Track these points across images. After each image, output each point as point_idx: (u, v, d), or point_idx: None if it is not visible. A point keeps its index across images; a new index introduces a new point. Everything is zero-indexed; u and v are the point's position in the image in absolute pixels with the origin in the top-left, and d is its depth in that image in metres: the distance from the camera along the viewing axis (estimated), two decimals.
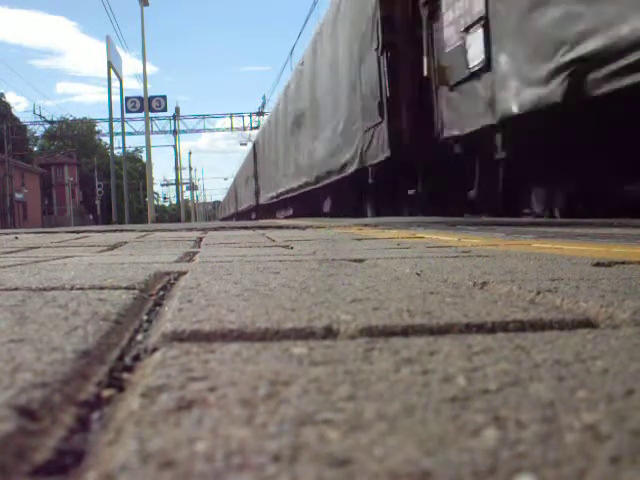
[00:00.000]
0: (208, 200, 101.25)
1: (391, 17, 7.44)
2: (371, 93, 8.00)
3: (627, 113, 4.03)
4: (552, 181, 5.39)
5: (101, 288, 1.23)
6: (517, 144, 5.40)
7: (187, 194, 63.48)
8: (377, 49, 7.67)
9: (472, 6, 5.59)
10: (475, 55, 5.51)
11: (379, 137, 7.89)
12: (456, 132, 6.23)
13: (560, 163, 5.05)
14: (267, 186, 20.94)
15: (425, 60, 6.84)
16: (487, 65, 5.36)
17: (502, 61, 5.08)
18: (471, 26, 5.62)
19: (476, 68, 5.54)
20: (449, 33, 6.23)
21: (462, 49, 5.82)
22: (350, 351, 0.69)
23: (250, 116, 38.53)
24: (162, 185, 72.45)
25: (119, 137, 22.23)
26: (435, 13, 6.63)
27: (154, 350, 0.71)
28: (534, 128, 5.02)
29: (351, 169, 9.47)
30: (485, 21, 5.36)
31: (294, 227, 5.40)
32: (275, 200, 19.06)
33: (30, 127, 50.75)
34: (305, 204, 14.82)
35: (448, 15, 6.25)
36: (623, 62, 3.57)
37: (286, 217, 16.57)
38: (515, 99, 4.91)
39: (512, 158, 5.51)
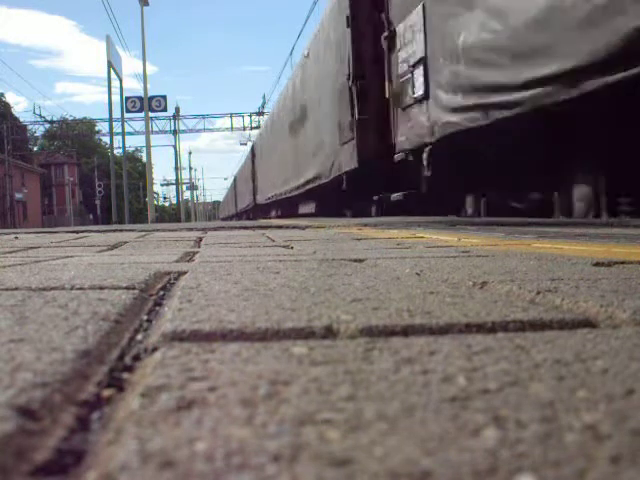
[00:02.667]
0: (208, 200, 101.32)
1: (360, 51, 9.02)
2: (346, 113, 9.52)
3: (522, 137, 5.44)
4: (475, 188, 7.11)
5: (101, 288, 1.23)
6: (442, 160, 6.96)
7: (187, 194, 63.53)
8: (348, 79, 9.21)
9: (416, 49, 7.26)
10: (418, 86, 7.22)
11: (351, 151, 9.40)
12: (407, 146, 7.84)
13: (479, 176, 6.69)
14: (263, 188, 22.51)
15: (386, 85, 8.49)
16: (426, 95, 6.97)
17: (434, 93, 6.75)
18: (416, 63, 7.27)
19: (419, 96, 7.20)
20: (402, 67, 7.86)
21: (411, 80, 7.46)
22: (350, 351, 0.69)
23: (250, 116, 38.53)
24: (162, 185, 72.50)
25: (119, 137, 22.23)
26: (393, 49, 8.21)
27: (154, 350, 0.71)
28: (457, 148, 6.56)
29: (330, 177, 11.09)
30: (425, 61, 6.98)
31: (294, 227, 5.40)
32: (270, 201, 20.60)
33: (30, 127, 50.79)
34: (294, 206, 16.60)
35: (401, 53, 7.89)
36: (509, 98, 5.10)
37: (277, 217, 18.33)
38: (443, 123, 6.49)
39: (436, 173, 7.13)
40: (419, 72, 7.12)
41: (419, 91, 7.16)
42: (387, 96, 8.42)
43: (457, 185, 7.33)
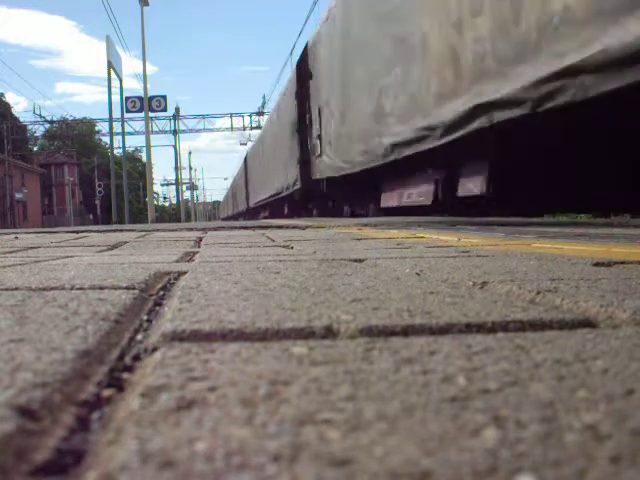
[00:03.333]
0: (208, 200, 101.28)
1: (302, 115, 13.96)
2: (295, 151, 14.87)
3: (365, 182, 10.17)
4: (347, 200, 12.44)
5: (101, 288, 1.23)
6: (333, 185, 11.98)
7: (187, 194, 63.51)
8: (296, 131, 14.45)
9: (316, 129, 12.38)
10: (317, 148, 12.41)
11: (297, 175, 14.77)
12: (317, 176, 12.68)
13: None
14: (254, 193, 27.71)
15: (309, 143, 13.62)
16: (320, 154, 12.03)
17: (325, 153, 11.64)
18: (317, 137, 12.33)
19: (318, 153, 12.32)
20: (313, 135, 12.88)
21: (316, 143, 12.50)
22: (350, 351, 0.69)
23: (250, 116, 38.49)
24: (162, 185, 72.46)
25: (119, 137, 22.22)
26: (310, 124, 13.20)
27: (154, 350, 0.71)
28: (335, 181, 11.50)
29: (292, 189, 15.76)
30: (319, 136, 12.05)
31: (294, 227, 5.40)
32: (259, 204, 25.57)
33: (30, 127, 50.74)
34: (275, 209, 21.22)
35: (313, 128, 12.93)
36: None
37: (264, 217, 22.76)
38: (327, 170, 11.54)
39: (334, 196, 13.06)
40: (318, 142, 12.32)
41: (317, 152, 12.34)
42: (310, 147, 13.61)
43: (340, 198, 12.76)
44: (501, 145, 5.48)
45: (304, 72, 13.26)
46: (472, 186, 6.14)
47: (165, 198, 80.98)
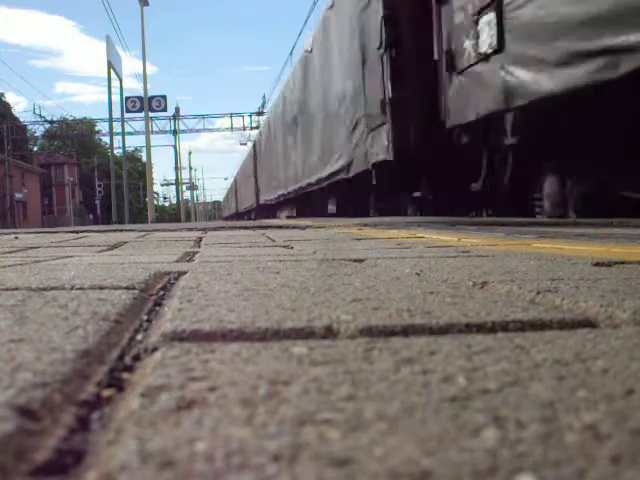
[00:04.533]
0: (208, 200, 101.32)
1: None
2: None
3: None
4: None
5: (101, 288, 1.23)
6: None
7: (187, 194, 63.51)
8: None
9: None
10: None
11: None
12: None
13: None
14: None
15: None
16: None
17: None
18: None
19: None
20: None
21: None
22: (350, 351, 0.69)
23: (250, 116, 38.49)
24: (162, 185, 72.47)
25: (119, 137, 22.22)
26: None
27: (154, 350, 0.71)
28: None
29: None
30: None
31: (294, 227, 5.40)
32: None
33: (30, 127, 50.73)
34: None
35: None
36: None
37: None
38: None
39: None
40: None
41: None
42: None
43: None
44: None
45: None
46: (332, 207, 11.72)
47: (165, 198, 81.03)
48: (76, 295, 1.12)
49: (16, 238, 4.62)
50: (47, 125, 50.13)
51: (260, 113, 37.21)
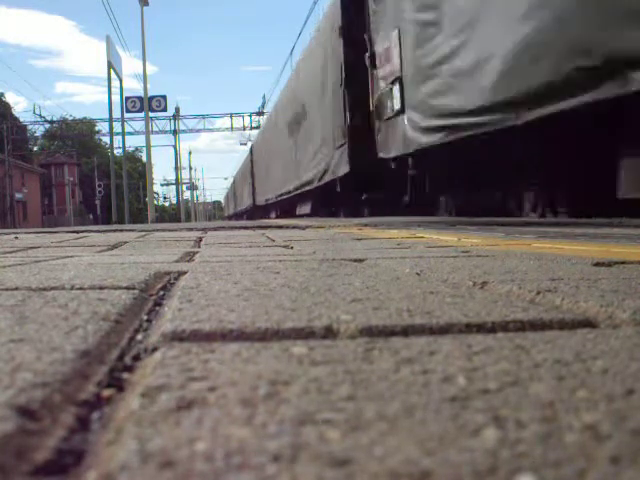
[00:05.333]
0: (208, 200, 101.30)
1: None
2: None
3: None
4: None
5: (101, 288, 1.23)
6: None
7: (187, 194, 63.50)
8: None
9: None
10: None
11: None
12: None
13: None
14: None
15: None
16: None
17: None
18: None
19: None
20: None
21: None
22: (350, 351, 0.69)
23: (250, 116, 38.49)
24: (162, 185, 72.47)
25: (119, 137, 22.24)
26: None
27: (154, 350, 0.71)
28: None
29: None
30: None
31: (294, 227, 5.40)
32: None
33: (30, 127, 50.73)
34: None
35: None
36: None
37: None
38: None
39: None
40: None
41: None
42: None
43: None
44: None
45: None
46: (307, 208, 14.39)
47: (165, 198, 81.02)
48: (76, 295, 1.12)
49: (16, 238, 4.62)
50: (47, 125, 50.16)
51: (260, 113, 37.21)
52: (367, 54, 9.30)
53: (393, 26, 8.10)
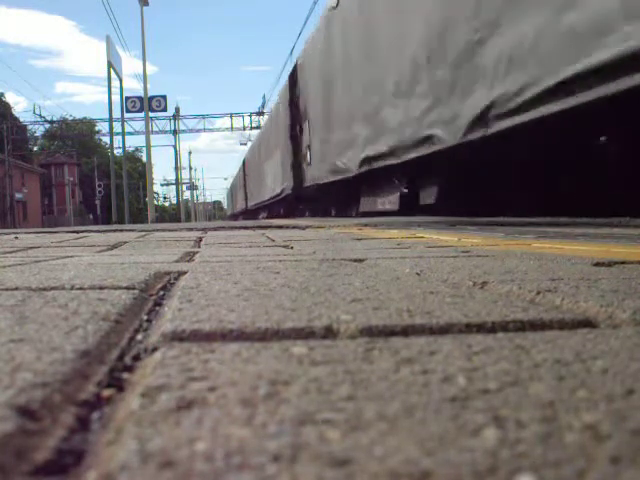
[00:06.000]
0: (208, 200, 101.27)
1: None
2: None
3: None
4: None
5: (101, 288, 1.23)
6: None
7: (187, 194, 63.48)
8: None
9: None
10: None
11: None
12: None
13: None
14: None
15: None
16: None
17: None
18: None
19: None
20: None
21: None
22: (350, 351, 0.69)
23: (250, 116, 38.48)
24: (162, 185, 72.47)
25: (119, 137, 22.25)
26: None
27: (154, 350, 0.71)
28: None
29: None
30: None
31: (294, 227, 5.41)
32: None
33: (30, 127, 50.72)
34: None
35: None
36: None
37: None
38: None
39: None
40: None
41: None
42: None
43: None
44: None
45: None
46: (263, 214, 25.05)
47: (165, 198, 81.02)
48: (76, 295, 1.12)
49: (16, 238, 4.62)
50: (47, 125, 50.15)
51: (260, 113, 37.21)
52: (298, 127, 14.74)
53: (305, 117, 13.63)
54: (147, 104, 21.53)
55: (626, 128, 4.73)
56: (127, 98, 23.39)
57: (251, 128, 38.23)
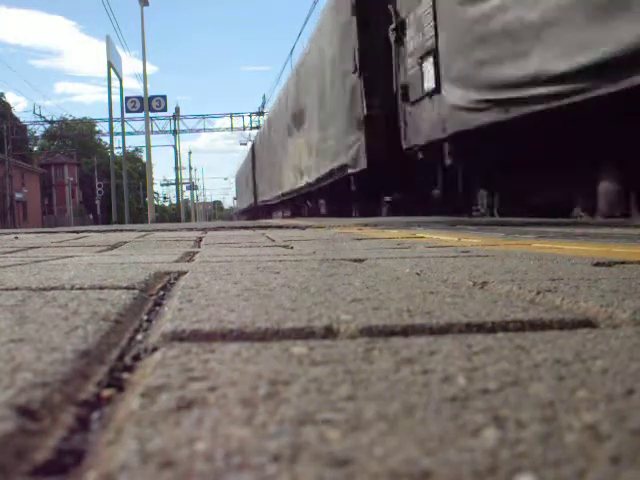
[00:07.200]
0: (208, 200, 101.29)
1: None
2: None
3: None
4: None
5: (101, 288, 1.23)
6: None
7: (187, 194, 63.49)
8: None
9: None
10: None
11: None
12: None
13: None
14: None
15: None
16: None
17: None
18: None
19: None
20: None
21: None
22: (350, 351, 0.69)
23: (250, 116, 38.46)
24: (162, 185, 72.46)
25: (119, 137, 22.23)
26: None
27: (154, 350, 0.71)
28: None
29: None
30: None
31: (294, 227, 5.40)
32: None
33: (30, 127, 50.71)
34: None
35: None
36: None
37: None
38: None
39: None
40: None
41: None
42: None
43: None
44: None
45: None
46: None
47: (165, 198, 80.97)
48: (76, 295, 1.12)
49: (16, 238, 4.62)
50: (47, 125, 50.15)
51: (260, 113, 37.18)
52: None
53: (257, 170, 9.15)
54: (147, 104, 21.53)
55: None
56: (127, 98, 23.39)
57: (251, 128, 38.22)
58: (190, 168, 60.25)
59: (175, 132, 37.81)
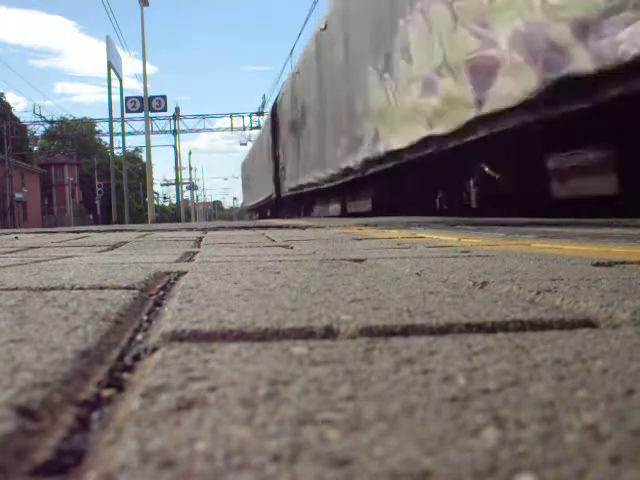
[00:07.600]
0: (208, 200, 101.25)
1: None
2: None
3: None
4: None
5: (101, 288, 1.23)
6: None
7: (187, 194, 63.48)
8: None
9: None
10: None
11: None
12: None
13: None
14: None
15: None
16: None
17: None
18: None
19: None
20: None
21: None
22: (350, 351, 0.69)
23: (250, 116, 38.45)
24: (162, 185, 72.46)
25: (119, 137, 22.25)
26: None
27: (154, 350, 0.71)
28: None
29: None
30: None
31: (294, 227, 5.40)
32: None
33: (30, 127, 50.70)
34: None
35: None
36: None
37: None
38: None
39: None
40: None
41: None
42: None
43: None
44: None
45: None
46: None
47: (165, 198, 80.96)
48: (76, 295, 1.12)
49: (16, 238, 4.62)
50: (47, 125, 50.15)
51: (260, 113, 37.20)
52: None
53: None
54: (147, 104, 21.52)
55: None
56: (127, 98, 23.37)
57: (251, 128, 38.24)
58: (190, 168, 60.28)
59: (175, 132, 37.81)
